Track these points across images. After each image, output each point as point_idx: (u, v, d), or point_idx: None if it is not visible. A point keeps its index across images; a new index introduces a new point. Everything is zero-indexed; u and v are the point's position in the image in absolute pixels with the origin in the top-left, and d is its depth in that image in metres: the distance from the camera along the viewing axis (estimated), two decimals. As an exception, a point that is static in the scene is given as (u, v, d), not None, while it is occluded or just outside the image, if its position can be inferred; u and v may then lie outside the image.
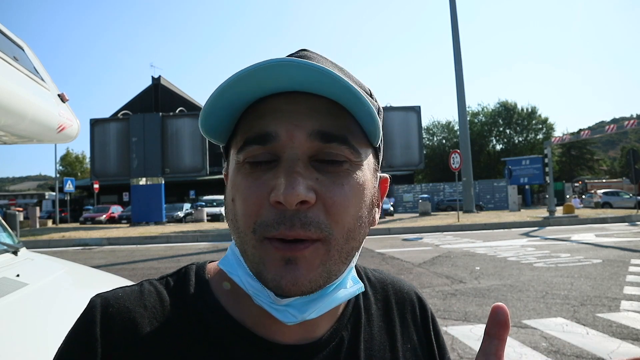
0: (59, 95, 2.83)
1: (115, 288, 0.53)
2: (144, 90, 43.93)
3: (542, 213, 20.82)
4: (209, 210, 26.17)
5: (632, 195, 27.72)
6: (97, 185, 29.01)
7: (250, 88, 0.46)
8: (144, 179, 20.14)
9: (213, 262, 0.60)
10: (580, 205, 30.04)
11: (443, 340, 0.66)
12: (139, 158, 19.54)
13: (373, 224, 0.53)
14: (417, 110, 20.18)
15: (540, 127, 50.56)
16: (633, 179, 18.88)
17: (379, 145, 0.54)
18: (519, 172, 30.19)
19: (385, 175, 0.57)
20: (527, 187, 36.63)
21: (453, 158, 18.05)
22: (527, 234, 13.23)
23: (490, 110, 52.21)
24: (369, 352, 0.56)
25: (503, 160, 37.65)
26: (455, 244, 11.12)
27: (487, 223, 15.84)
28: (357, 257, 0.52)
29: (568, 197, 35.84)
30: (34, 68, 2.68)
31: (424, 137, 47.14)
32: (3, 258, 2.08)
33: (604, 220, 16.82)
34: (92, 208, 31.69)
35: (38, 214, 25.37)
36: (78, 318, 0.50)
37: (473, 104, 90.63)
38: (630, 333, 4.07)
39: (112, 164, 20.01)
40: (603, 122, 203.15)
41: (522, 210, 26.23)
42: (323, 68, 0.43)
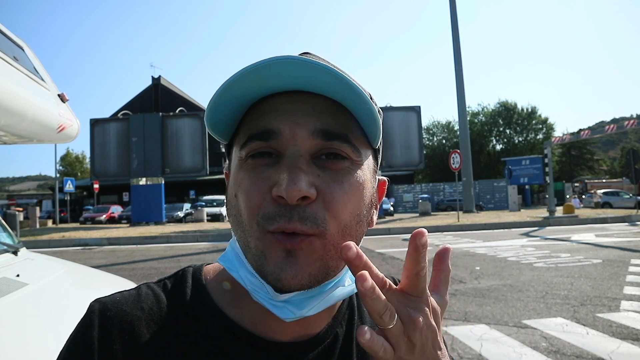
0: (59, 95, 2.83)
1: (114, 293, 0.55)
2: (144, 90, 43.92)
3: (542, 213, 20.83)
4: (209, 210, 26.15)
5: (632, 195, 27.72)
6: (97, 185, 29.02)
7: (254, 85, 0.47)
8: (144, 179, 20.14)
9: (210, 264, 0.62)
10: (580, 205, 30.04)
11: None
12: (139, 158, 19.54)
13: (371, 225, 0.54)
14: (417, 110, 20.19)
15: (540, 127, 50.57)
16: (633, 179, 18.88)
17: (378, 147, 0.55)
18: (519, 172, 30.19)
19: (384, 178, 0.58)
20: (527, 187, 36.63)
21: (453, 158, 18.05)
22: (527, 234, 13.23)
23: (490, 110, 52.23)
24: (362, 350, 0.57)
25: (503, 160, 37.65)
26: (455, 244, 11.12)
27: (487, 223, 15.84)
28: None
29: (568, 197, 35.83)
30: (34, 68, 2.68)
31: (424, 137, 47.16)
32: (3, 258, 2.08)
33: (604, 220, 16.82)
34: (92, 208, 31.68)
35: (38, 214, 25.38)
36: (78, 322, 0.52)
37: (473, 104, 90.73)
38: (630, 333, 4.07)
39: (112, 164, 20.00)
40: (603, 122, 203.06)
41: (522, 210, 26.23)
42: (326, 66, 0.44)
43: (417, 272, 0.43)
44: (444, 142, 52.66)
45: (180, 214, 25.82)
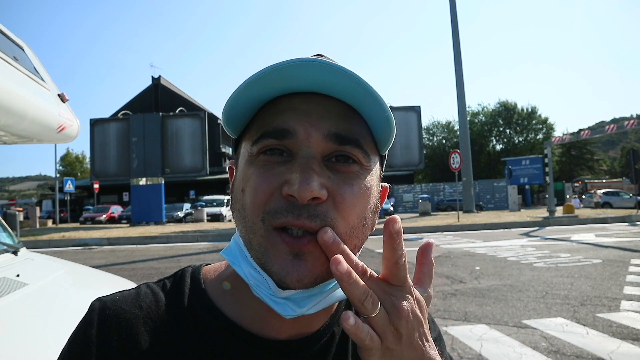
0: (59, 95, 2.83)
1: (115, 292, 0.56)
2: (144, 90, 43.91)
3: (542, 213, 20.82)
4: (209, 210, 26.17)
5: (632, 195, 27.72)
6: (97, 185, 29.02)
7: (272, 85, 0.48)
8: (144, 179, 20.14)
9: (209, 264, 0.63)
10: (580, 205, 30.03)
11: (429, 317, 0.67)
12: (139, 158, 19.53)
13: (372, 229, 0.54)
14: (417, 110, 20.18)
15: (540, 127, 50.56)
16: (633, 179, 18.88)
17: (384, 154, 0.56)
18: (519, 172, 30.17)
19: (386, 185, 0.59)
20: (527, 187, 36.61)
21: (453, 158, 18.05)
22: (527, 234, 13.23)
23: (490, 110, 52.21)
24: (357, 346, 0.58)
25: (503, 160, 37.63)
26: (455, 244, 11.12)
27: (487, 223, 15.84)
28: (357, 256, 0.52)
29: (568, 197, 35.82)
30: (34, 68, 2.68)
31: (424, 137, 47.16)
32: (3, 258, 2.08)
33: (604, 220, 16.82)
34: (92, 208, 31.68)
35: (38, 214, 25.38)
36: (79, 321, 0.53)
37: (473, 104, 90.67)
38: (630, 333, 4.07)
39: (112, 164, 20.00)
40: (603, 122, 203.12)
41: (522, 210, 26.23)
42: (350, 71, 0.45)
43: (395, 260, 0.44)
44: (444, 142, 52.64)
45: (180, 214, 25.82)
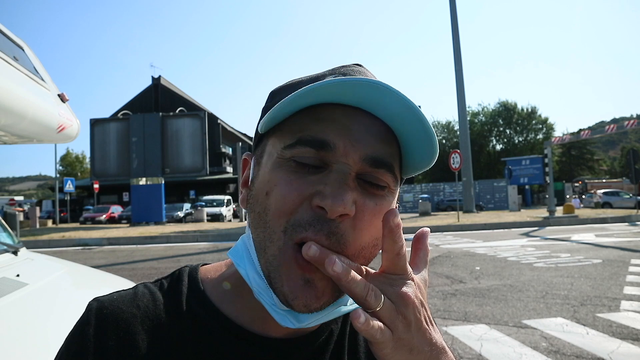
0: (59, 95, 2.83)
1: (112, 292, 0.56)
2: (144, 90, 43.80)
3: (542, 213, 20.82)
4: (209, 210, 26.16)
5: (632, 195, 27.72)
6: (97, 185, 28.99)
7: (323, 96, 0.46)
8: (144, 179, 20.18)
9: (206, 264, 0.63)
10: (580, 205, 30.02)
11: None
12: (139, 158, 19.58)
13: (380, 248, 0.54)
14: (417, 110, 20.15)
15: (540, 127, 50.53)
16: (633, 179, 18.88)
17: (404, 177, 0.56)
18: (519, 172, 30.18)
19: (396, 205, 0.59)
20: (527, 187, 36.60)
21: (453, 158, 18.04)
22: (527, 234, 13.23)
23: (490, 110, 52.19)
24: (354, 344, 0.59)
25: (503, 160, 37.63)
26: (455, 244, 11.12)
27: (487, 223, 15.83)
28: None
29: (568, 197, 35.83)
30: (34, 68, 2.68)
31: (424, 137, 46.91)
32: (3, 258, 2.08)
33: (604, 220, 16.82)
34: (92, 208, 31.60)
35: (38, 214, 25.38)
36: (77, 321, 0.53)
37: (473, 104, 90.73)
38: (630, 333, 4.07)
39: (112, 164, 20.05)
40: (603, 122, 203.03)
41: (522, 210, 26.22)
42: (411, 102, 0.45)
43: (397, 251, 0.44)
44: (444, 142, 52.59)
45: (180, 214, 25.80)
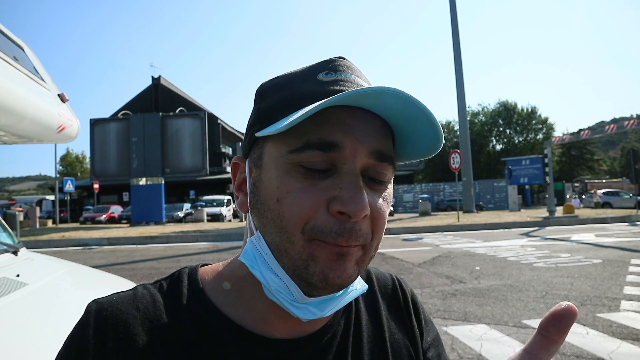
0: (59, 95, 2.83)
1: (111, 294, 0.56)
2: (144, 90, 43.81)
3: (542, 213, 20.82)
4: (209, 210, 26.15)
5: (632, 195, 27.72)
6: (97, 185, 28.97)
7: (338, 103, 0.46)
8: (144, 179, 20.18)
9: (206, 265, 0.62)
10: (580, 205, 30.03)
11: (425, 317, 0.68)
12: (139, 158, 19.58)
13: None
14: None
15: (540, 127, 50.56)
16: (633, 179, 18.87)
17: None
18: (519, 172, 30.18)
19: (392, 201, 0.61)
20: (527, 187, 36.61)
21: (453, 158, 18.06)
22: (527, 234, 13.23)
23: (490, 110, 52.21)
24: (358, 343, 0.59)
25: (503, 160, 37.62)
26: (455, 244, 11.12)
27: (487, 223, 15.84)
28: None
29: (568, 197, 35.84)
30: (34, 68, 2.68)
31: (424, 137, 46.90)
32: (3, 258, 2.08)
33: (604, 220, 16.82)
34: (92, 208, 31.57)
35: (38, 214, 25.37)
36: (76, 323, 0.53)
37: (473, 104, 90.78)
38: (630, 333, 4.07)
39: (112, 164, 20.05)
40: (603, 122, 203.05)
41: (522, 210, 26.22)
42: (423, 105, 0.46)
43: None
44: (444, 142, 52.12)
45: (180, 214, 25.79)
